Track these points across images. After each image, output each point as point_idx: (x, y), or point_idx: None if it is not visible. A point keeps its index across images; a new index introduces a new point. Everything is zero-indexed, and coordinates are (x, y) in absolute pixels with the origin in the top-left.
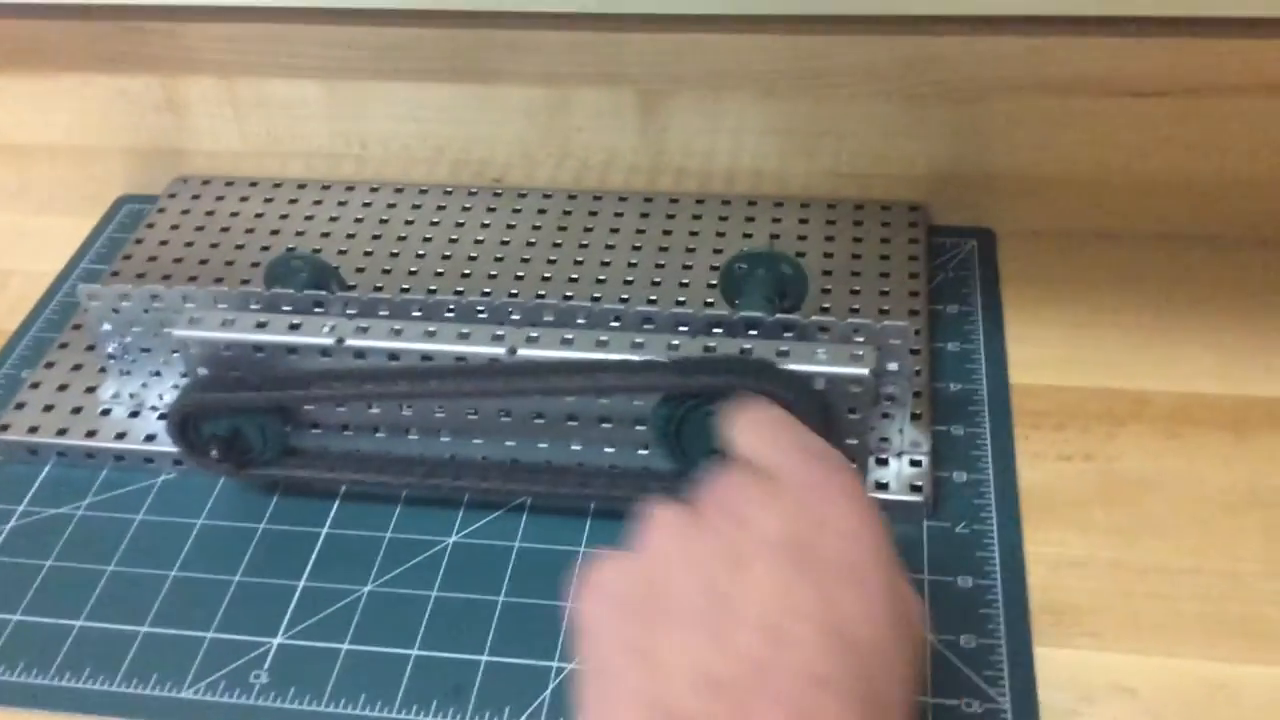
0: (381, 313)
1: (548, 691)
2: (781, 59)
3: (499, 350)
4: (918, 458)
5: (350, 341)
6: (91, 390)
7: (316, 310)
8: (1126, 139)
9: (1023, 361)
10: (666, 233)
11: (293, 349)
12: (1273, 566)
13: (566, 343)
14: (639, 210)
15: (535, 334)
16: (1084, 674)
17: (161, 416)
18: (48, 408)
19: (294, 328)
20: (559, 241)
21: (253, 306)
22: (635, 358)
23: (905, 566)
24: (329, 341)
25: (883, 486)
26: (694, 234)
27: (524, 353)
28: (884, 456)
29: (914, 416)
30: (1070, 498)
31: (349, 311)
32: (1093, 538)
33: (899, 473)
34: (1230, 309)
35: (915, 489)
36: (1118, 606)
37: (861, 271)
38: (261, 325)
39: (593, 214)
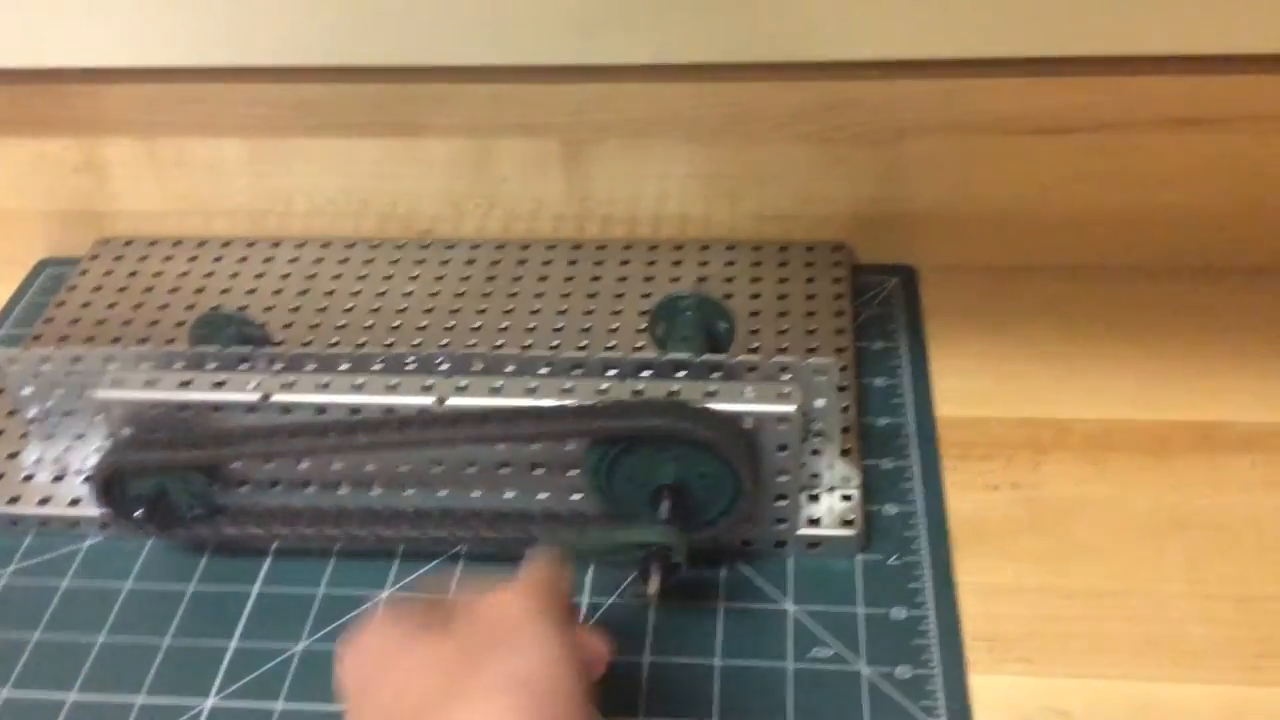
0: (309, 367)
1: None
2: (703, 105)
3: (427, 400)
4: (848, 493)
5: (276, 397)
6: (14, 456)
7: (242, 367)
8: (1037, 175)
9: (947, 394)
10: (595, 279)
11: (218, 407)
12: (1195, 587)
13: (495, 390)
14: (567, 258)
15: (464, 383)
16: (1018, 699)
17: (86, 479)
18: None
19: (219, 385)
20: (488, 291)
21: (177, 366)
22: (564, 403)
23: (835, 600)
24: (254, 398)
25: (815, 522)
26: (622, 279)
27: (453, 402)
28: (815, 493)
29: (844, 452)
30: (998, 526)
31: (275, 367)
32: (1021, 565)
33: (830, 508)
34: (1148, 336)
35: (847, 523)
36: (1048, 631)
37: (788, 311)
38: (185, 384)
39: (521, 262)
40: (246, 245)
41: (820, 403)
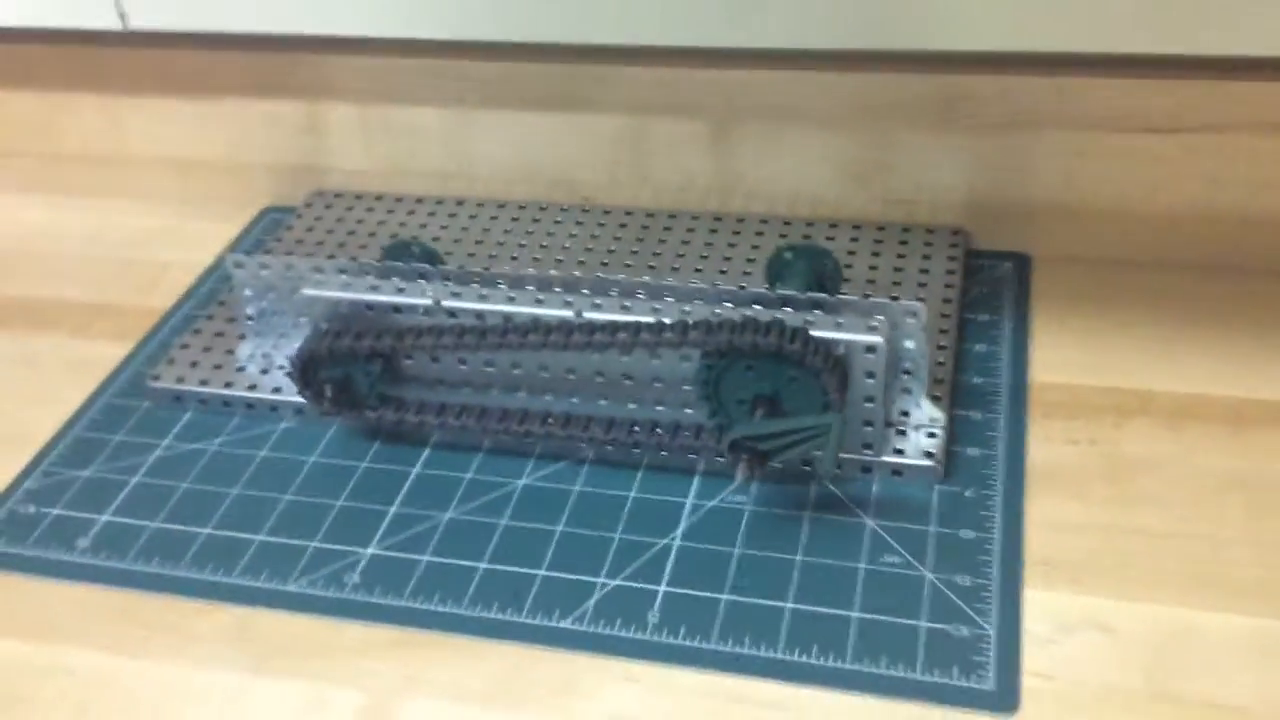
0: (473, 283)
1: (591, 601)
2: (836, 94)
3: (569, 313)
4: (934, 431)
5: (446, 303)
6: (230, 352)
7: (420, 280)
8: (1145, 172)
9: (1043, 363)
10: (731, 245)
11: (398, 308)
12: (1252, 536)
13: (626, 309)
14: (708, 228)
15: (600, 302)
16: (1066, 612)
17: (287, 374)
18: (193, 364)
19: (400, 291)
20: (635, 251)
21: (368, 275)
22: (683, 319)
23: (910, 519)
24: (428, 302)
25: (899, 452)
26: (755, 247)
27: (589, 316)
28: (903, 429)
29: (934, 399)
30: (1072, 474)
31: (446, 282)
32: (1088, 506)
33: (916, 443)
34: (1236, 327)
35: (929, 455)
36: (1104, 562)
37: (902, 283)
38: (374, 288)
39: (667, 229)
40: (435, 203)
41: (910, 343)
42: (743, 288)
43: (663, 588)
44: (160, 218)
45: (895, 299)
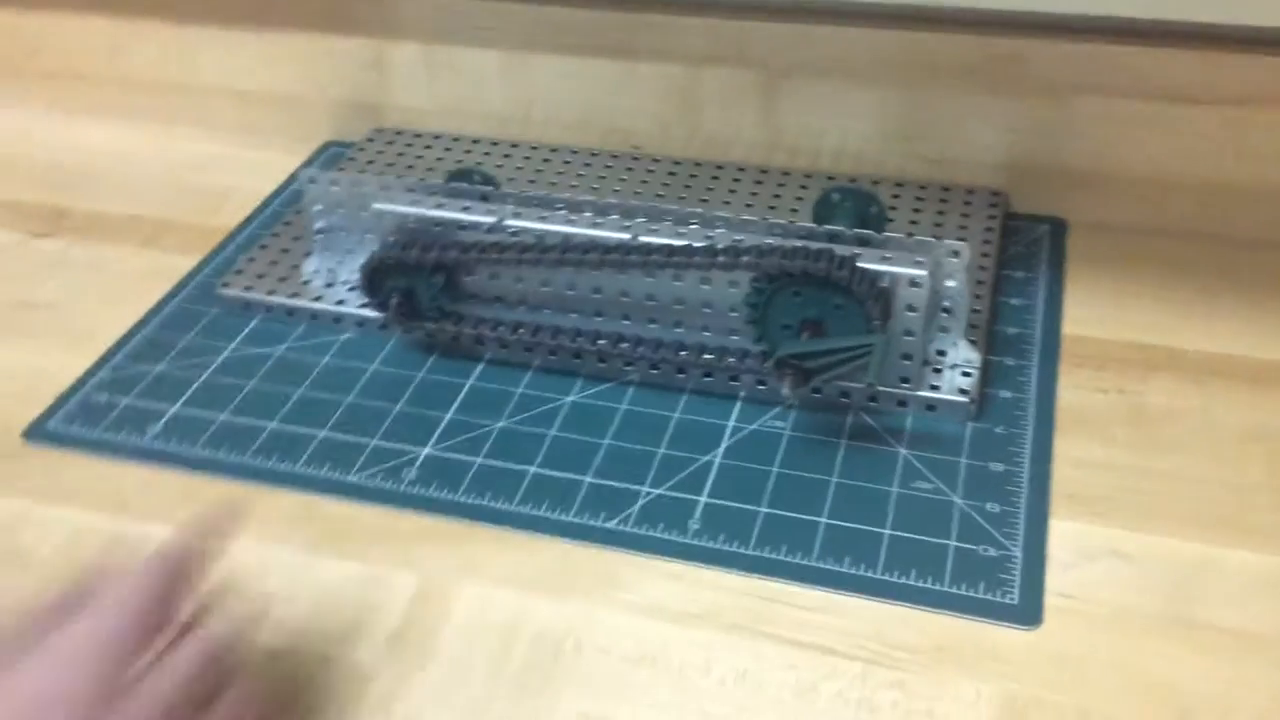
0: (534, 205)
1: (635, 506)
2: (886, 51)
3: (625, 235)
4: (969, 371)
5: (508, 221)
6: (296, 267)
7: (483, 200)
8: (1181, 144)
9: (1076, 318)
10: (775, 196)
11: (462, 225)
12: (1272, 484)
13: (680, 234)
14: (753, 179)
15: (655, 227)
16: (1089, 541)
17: (351, 289)
18: (260, 276)
19: (465, 209)
20: (682, 197)
21: (434, 193)
22: (735, 243)
23: (942, 451)
24: (491, 220)
25: (935, 388)
26: (799, 199)
27: (644, 239)
28: (939, 367)
29: (971, 342)
30: (1099, 418)
31: (508, 203)
32: (1113, 449)
33: (951, 381)
34: (1268, 296)
35: (963, 392)
36: (1126, 498)
37: (941, 239)
38: (440, 205)
39: (714, 178)
40: (491, 144)
41: (951, 283)
42: (792, 223)
43: (703, 498)
44: (225, 146)
45: (938, 229)
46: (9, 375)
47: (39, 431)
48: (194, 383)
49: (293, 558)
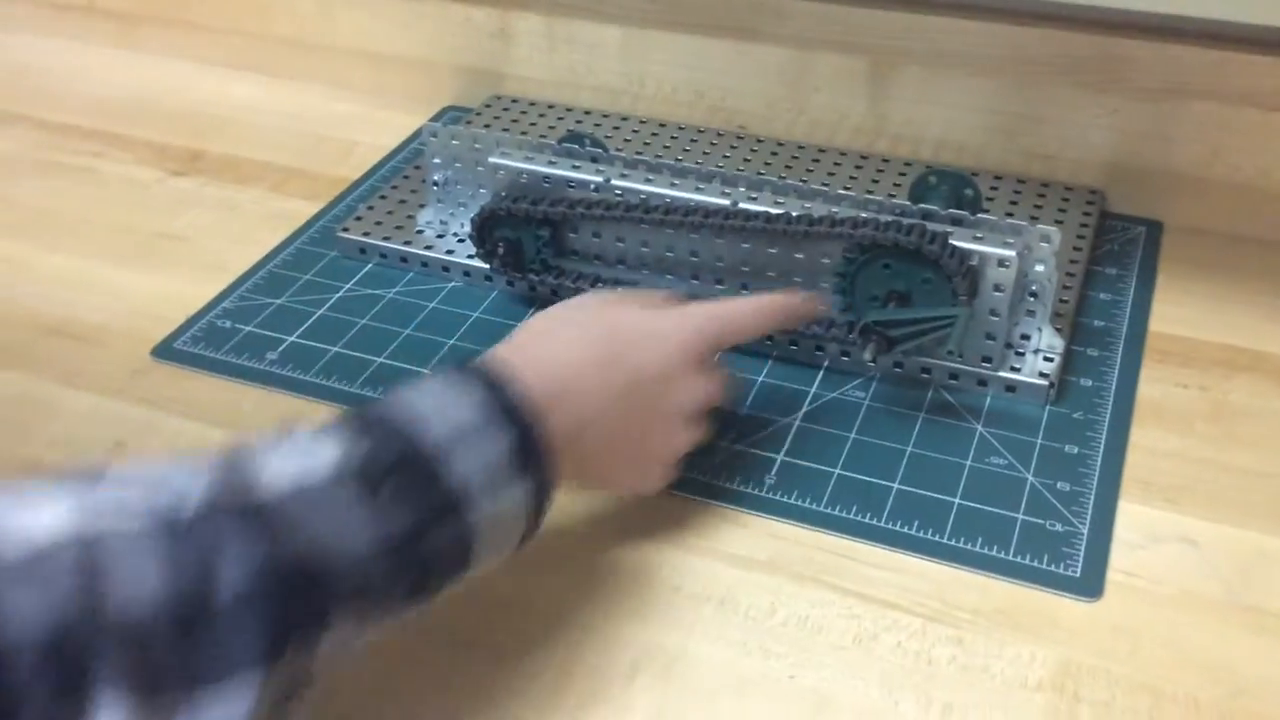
0: (640, 168)
1: (715, 459)
2: (996, 44)
3: (725, 201)
4: (1051, 357)
5: (615, 181)
6: (411, 217)
7: (592, 162)
8: None
9: (1163, 317)
10: (874, 182)
11: (571, 183)
12: None
13: (779, 203)
14: (854, 164)
15: (755, 195)
16: (1156, 525)
17: (461, 240)
18: (377, 223)
19: (575, 167)
20: (783, 177)
21: (547, 152)
22: (830, 214)
23: (1019, 430)
24: (599, 180)
25: (1016, 370)
26: (896, 185)
27: (744, 205)
28: (1021, 351)
29: (1056, 329)
30: (1178, 411)
31: (616, 164)
32: (1189, 441)
33: (1032, 365)
34: None
35: (1044, 376)
36: (1198, 488)
37: None
38: (551, 163)
39: (815, 161)
40: (602, 115)
41: (1040, 268)
42: (888, 198)
43: (781, 456)
44: (353, 104)
45: (1033, 221)
46: (143, 298)
47: (166, 350)
48: (310, 317)
49: None
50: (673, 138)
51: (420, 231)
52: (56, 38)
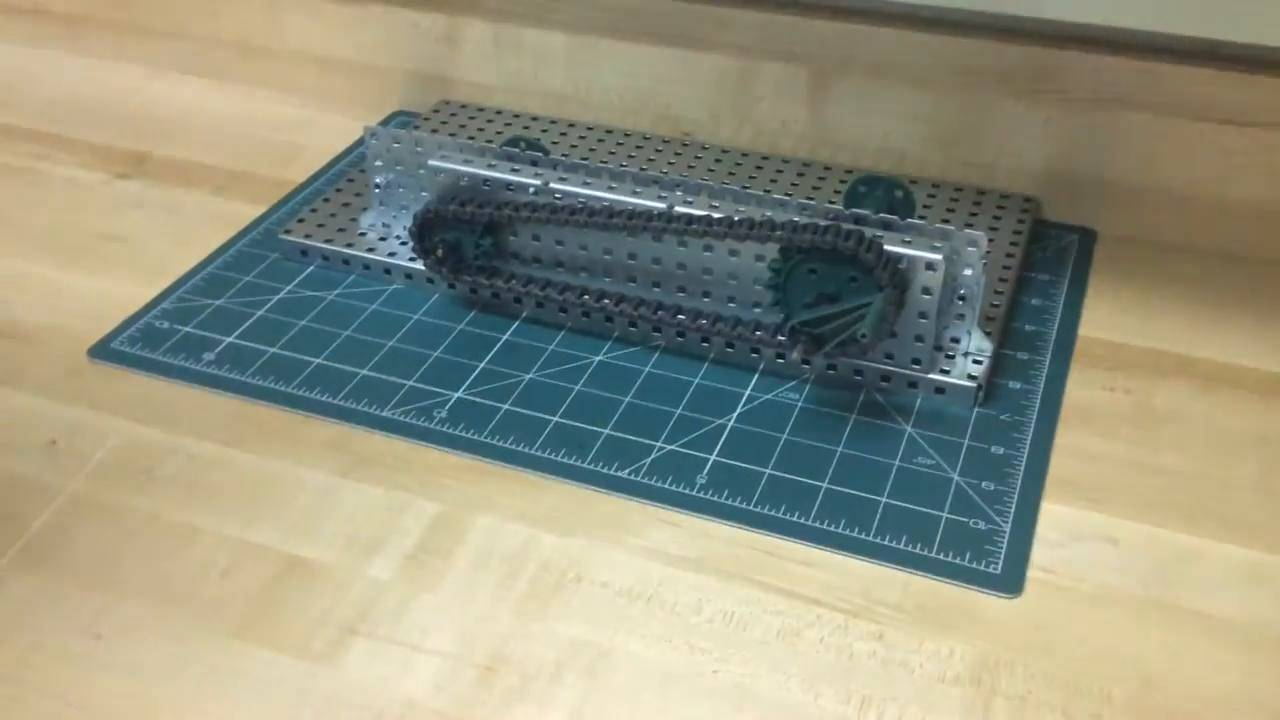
0: (579, 172)
1: (648, 459)
2: (933, 55)
3: (661, 205)
4: (980, 359)
5: (553, 184)
6: (354, 220)
7: (532, 165)
8: (1217, 163)
9: (1093, 322)
10: (815, 189)
11: (510, 185)
12: (1264, 485)
13: (714, 206)
14: (796, 172)
15: (691, 199)
16: (1078, 524)
17: (403, 243)
18: (320, 225)
19: (514, 171)
20: (726, 184)
21: (487, 155)
22: (764, 216)
23: (946, 431)
24: (537, 183)
25: (945, 373)
26: (837, 192)
27: (680, 209)
28: (951, 354)
29: (985, 333)
30: (1103, 414)
31: (554, 168)
32: (1113, 444)
33: (961, 367)
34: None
35: (972, 378)
36: (1121, 488)
37: None
38: (490, 166)
39: (758, 168)
40: (549, 122)
41: (968, 271)
42: (820, 203)
43: (713, 457)
44: (301, 108)
45: (962, 228)
46: (82, 297)
47: (103, 350)
48: (249, 318)
49: (324, 478)
50: (618, 144)
51: (363, 234)
52: (3, 41)
